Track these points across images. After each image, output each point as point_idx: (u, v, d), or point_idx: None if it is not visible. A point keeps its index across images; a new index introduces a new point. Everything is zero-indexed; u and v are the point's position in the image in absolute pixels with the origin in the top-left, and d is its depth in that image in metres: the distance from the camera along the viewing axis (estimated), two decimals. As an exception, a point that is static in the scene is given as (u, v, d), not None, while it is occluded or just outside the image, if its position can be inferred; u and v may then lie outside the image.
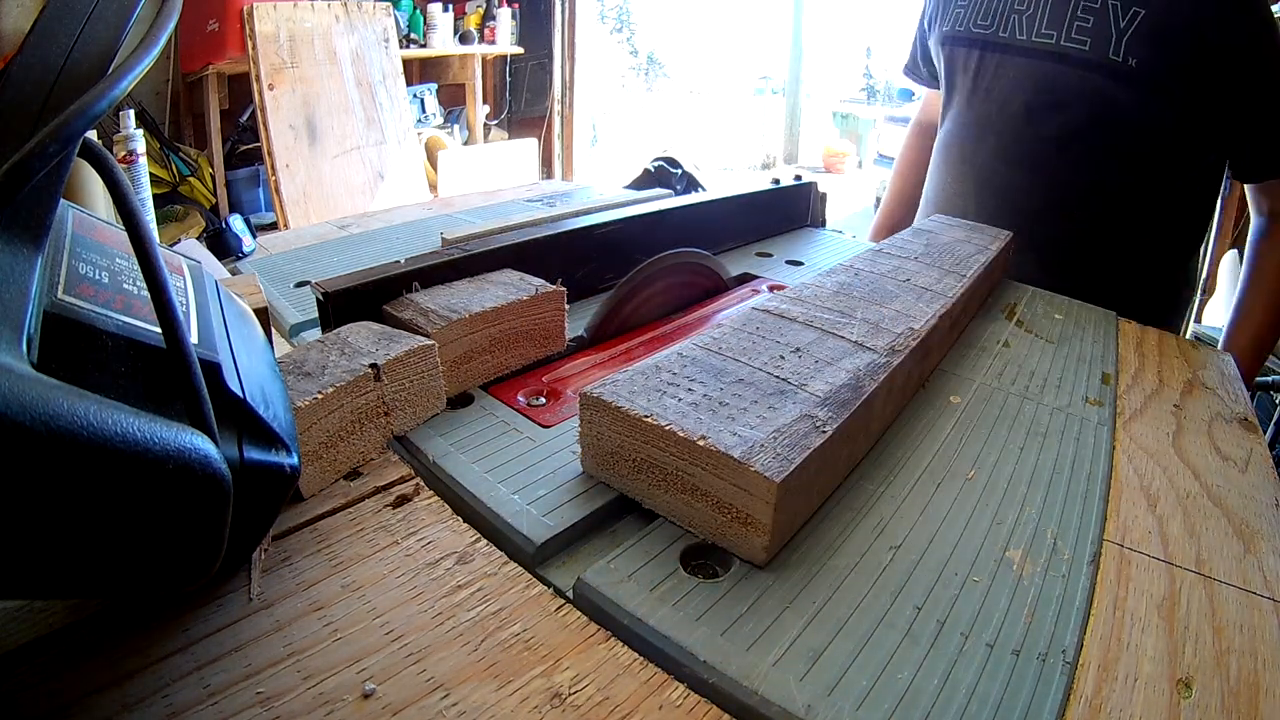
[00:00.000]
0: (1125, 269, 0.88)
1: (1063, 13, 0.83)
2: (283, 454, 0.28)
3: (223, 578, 0.31)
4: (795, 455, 0.32)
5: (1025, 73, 0.86)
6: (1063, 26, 0.83)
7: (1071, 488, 0.41)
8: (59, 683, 0.26)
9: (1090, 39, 0.81)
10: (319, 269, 0.71)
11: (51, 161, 0.21)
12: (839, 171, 6.64)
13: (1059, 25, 0.83)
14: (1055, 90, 0.85)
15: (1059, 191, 0.88)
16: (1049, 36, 0.84)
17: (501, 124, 3.95)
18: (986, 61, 0.90)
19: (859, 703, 0.27)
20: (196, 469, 0.22)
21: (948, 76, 0.97)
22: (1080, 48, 0.82)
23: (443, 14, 3.28)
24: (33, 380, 0.19)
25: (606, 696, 0.27)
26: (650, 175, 1.65)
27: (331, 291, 0.46)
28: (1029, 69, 0.86)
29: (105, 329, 0.24)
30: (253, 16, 2.48)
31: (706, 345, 0.43)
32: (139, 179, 1.56)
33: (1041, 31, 0.85)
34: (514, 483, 0.38)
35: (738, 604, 0.31)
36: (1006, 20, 0.88)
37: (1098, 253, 0.88)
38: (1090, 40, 0.81)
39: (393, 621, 0.30)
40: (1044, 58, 0.85)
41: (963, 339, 0.61)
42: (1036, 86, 0.86)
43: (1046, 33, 0.85)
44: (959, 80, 0.94)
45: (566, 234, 0.61)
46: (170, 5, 0.26)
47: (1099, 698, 0.28)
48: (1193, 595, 0.34)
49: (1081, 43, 0.82)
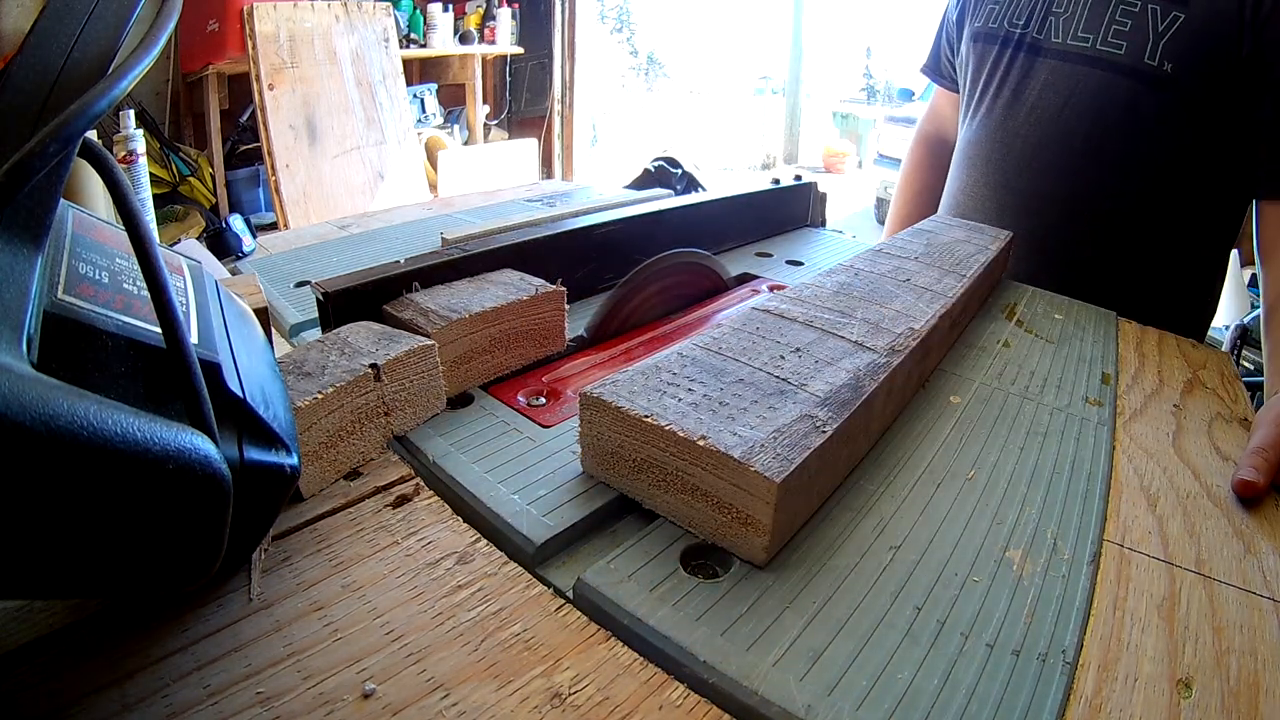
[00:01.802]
0: (1145, 284, 0.86)
1: (1100, 15, 0.80)
2: (283, 454, 0.28)
3: (223, 578, 0.31)
4: (795, 455, 0.32)
5: (1059, 76, 0.84)
6: (1100, 30, 0.81)
7: (1071, 488, 0.41)
8: (59, 683, 0.26)
9: (1126, 43, 0.79)
10: (319, 269, 0.71)
11: (51, 161, 0.21)
12: (839, 171, 6.64)
13: (1096, 29, 0.81)
14: (1087, 95, 0.82)
15: (1083, 199, 0.86)
16: (1085, 40, 0.82)
17: (501, 124, 3.95)
18: (1019, 62, 0.88)
19: (859, 703, 0.27)
20: (196, 469, 0.22)
21: (975, 75, 0.94)
22: (1116, 51, 0.80)
23: (443, 14, 3.28)
24: (33, 380, 0.19)
25: (606, 696, 0.27)
26: (650, 175, 1.65)
27: (331, 291, 0.46)
28: (1063, 72, 0.84)
29: (105, 329, 0.24)
30: (253, 16, 2.48)
31: (706, 345, 0.43)
32: (139, 179, 1.56)
33: (1078, 34, 0.83)
34: (514, 483, 0.38)
35: (738, 604, 0.31)
36: (1043, 21, 0.85)
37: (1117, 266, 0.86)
38: (1126, 44, 0.79)
39: (393, 621, 0.30)
40: (1079, 61, 0.82)
41: (963, 339, 0.61)
42: (1069, 90, 0.83)
43: (1083, 36, 0.82)
44: (988, 80, 0.91)
45: (566, 234, 0.61)
46: (170, 5, 0.26)
47: (1099, 698, 0.28)
48: (1193, 595, 0.34)
49: (1117, 46, 0.80)
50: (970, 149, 0.94)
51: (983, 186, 0.92)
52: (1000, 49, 0.89)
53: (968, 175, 0.94)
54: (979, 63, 0.93)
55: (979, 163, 0.93)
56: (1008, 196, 0.90)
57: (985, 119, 0.92)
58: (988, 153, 0.91)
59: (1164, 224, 0.85)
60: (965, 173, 0.95)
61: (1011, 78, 0.88)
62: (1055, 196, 0.86)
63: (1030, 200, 0.88)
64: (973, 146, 0.94)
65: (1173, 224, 0.85)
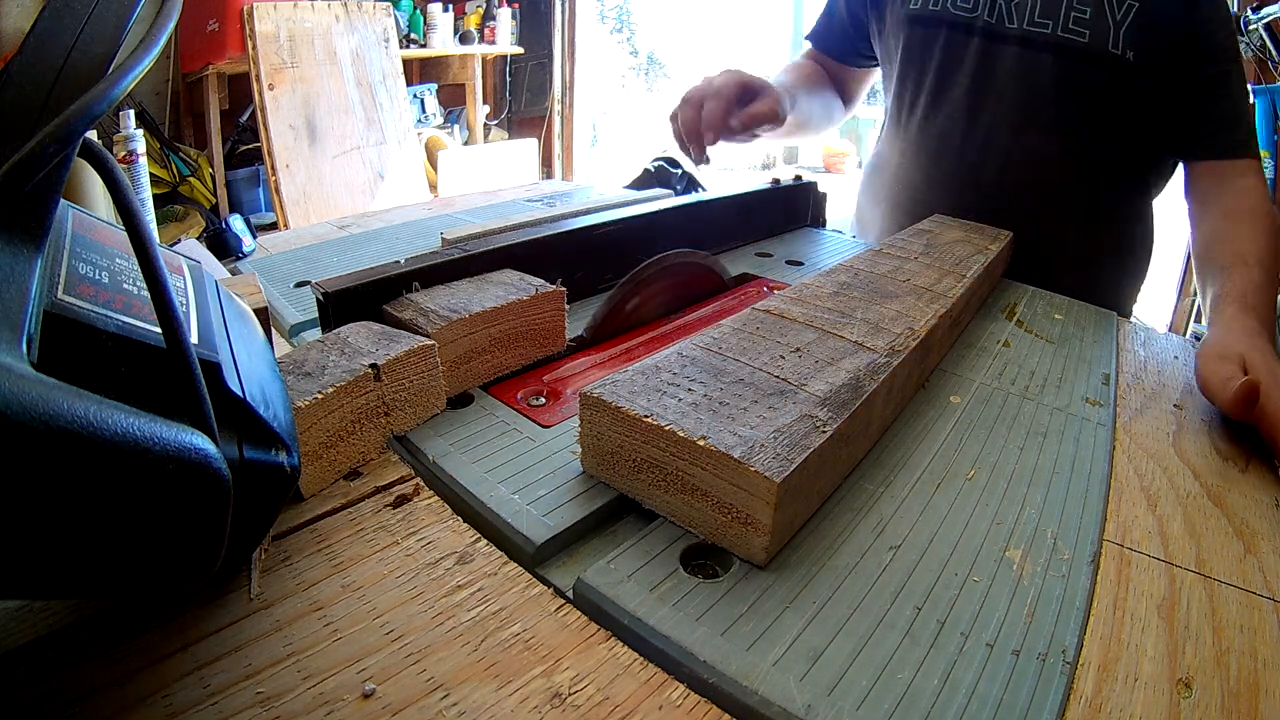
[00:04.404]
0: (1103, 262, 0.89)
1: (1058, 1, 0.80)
2: (283, 454, 0.28)
3: (223, 578, 0.31)
4: (795, 455, 0.32)
5: (1024, 64, 0.82)
6: (1058, 16, 0.80)
7: (1071, 488, 0.41)
8: (59, 683, 0.26)
9: (1089, 30, 0.79)
10: (319, 269, 0.71)
11: (51, 161, 0.21)
12: (839, 171, 6.64)
13: (1054, 14, 0.80)
14: (1048, 82, 0.82)
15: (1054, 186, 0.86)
16: (1044, 25, 0.81)
17: (501, 124, 3.95)
18: (974, 48, 0.85)
19: (859, 703, 0.27)
20: (196, 469, 0.22)
21: (916, 61, 0.91)
22: (1079, 39, 0.79)
23: (443, 14, 3.28)
24: (33, 380, 0.19)
25: (606, 696, 0.27)
26: (650, 175, 1.65)
27: (331, 291, 0.46)
28: (1023, 59, 0.82)
29: (105, 329, 0.24)
30: (253, 16, 2.48)
31: (706, 345, 0.43)
32: (139, 179, 1.56)
33: (1035, 20, 0.81)
34: (514, 483, 0.38)
35: (738, 604, 0.31)
36: (993, 5, 0.83)
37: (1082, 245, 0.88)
38: (1089, 32, 0.79)
39: (393, 621, 0.30)
40: (1042, 48, 0.81)
41: (963, 339, 0.61)
42: (1031, 78, 0.82)
43: (1041, 21, 0.81)
44: (940, 67, 0.88)
45: (566, 234, 0.61)
46: (170, 5, 0.26)
47: (1099, 698, 0.28)
48: (1193, 595, 0.34)
49: (1080, 34, 0.79)
50: (931, 142, 0.91)
51: (950, 177, 0.90)
52: (950, 33, 0.86)
53: (935, 167, 0.91)
54: (921, 48, 0.90)
55: (949, 154, 0.90)
56: (979, 186, 0.88)
57: (947, 108, 0.89)
58: (958, 145, 0.88)
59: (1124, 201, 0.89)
60: (932, 164, 0.92)
61: (968, 64, 0.86)
62: (1030, 185, 0.86)
63: (1003, 189, 0.87)
64: (934, 140, 0.91)
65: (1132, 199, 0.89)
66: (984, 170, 0.87)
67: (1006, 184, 0.86)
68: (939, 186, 0.91)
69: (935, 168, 0.91)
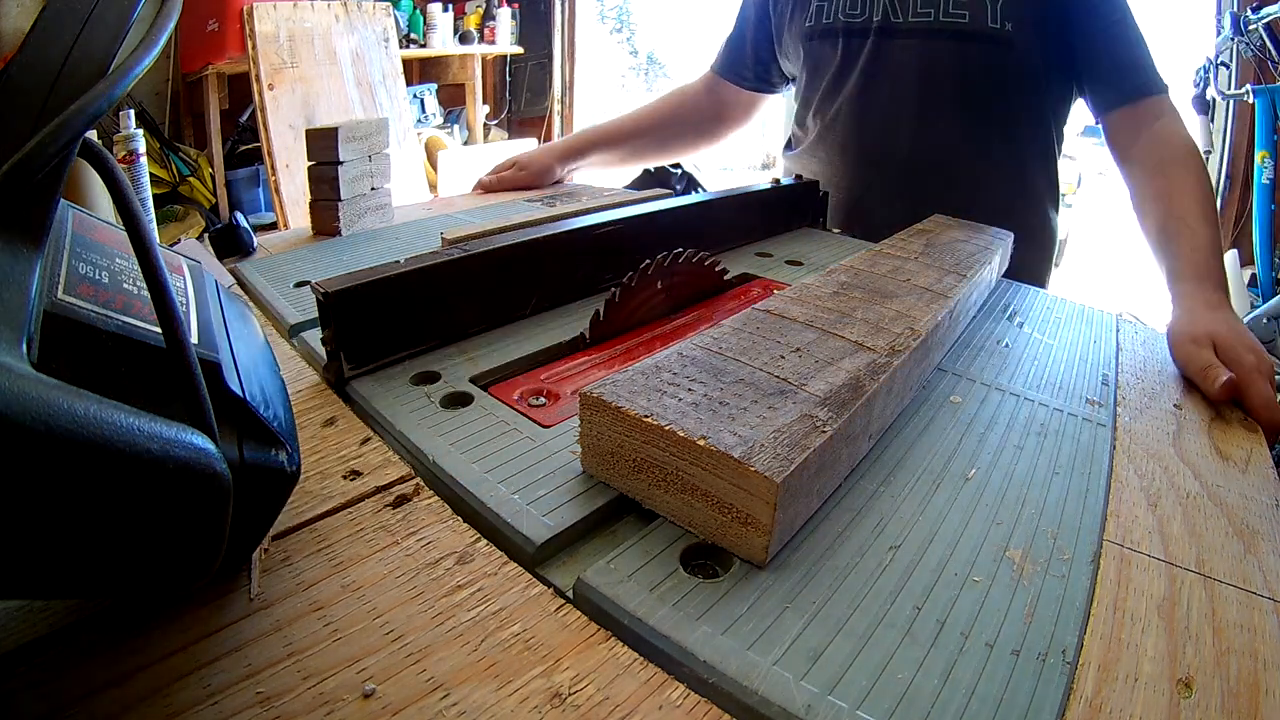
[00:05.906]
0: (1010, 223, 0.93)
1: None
2: (283, 454, 0.28)
3: (223, 578, 0.31)
4: (795, 455, 0.32)
5: (910, 53, 0.90)
6: (939, 3, 0.88)
7: (1071, 488, 0.41)
8: (59, 683, 0.26)
9: (968, 11, 0.86)
10: (319, 269, 0.71)
11: (51, 161, 0.21)
12: (839, 171, 6.62)
13: (935, 2, 0.88)
14: (941, 65, 0.89)
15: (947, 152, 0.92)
16: (927, 14, 0.88)
17: (501, 124, 3.95)
18: (867, 48, 0.93)
19: (859, 702, 0.27)
20: (196, 468, 0.22)
21: (817, 70, 0.99)
22: (960, 20, 0.87)
23: (443, 14, 3.28)
24: (33, 380, 0.19)
25: (606, 696, 0.27)
26: (650, 175, 1.65)
27: (331, 291, 0.46)
28: (913, 48, 0.90)
29: (105, 329, 0.24)
30: (253, 16, 2.48)
31: (706, 345, 0.43)
32: (139, 179, 1.55)
33: (918, 11, 0.89)
34: (514, 483, 0.38)
35: (738, 604, 0.31)
36: (878, 5, 0.91)
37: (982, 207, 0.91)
38: (968, 13, 0.86)
39: (393, 621, 0.30)
40: (926, 36, 0.89)
41: (962, 339, 0.61)
42: (921, 64, 0.89)
43: (923, 11, 0.89)
44: (837, 71, 0.96)
45: (566, 234, 0.61)
46: (170, 5, 0.26)
47: (1099, 698, 0.28)
48: (1193, 595, 0.34)
49: (960, 16, 0.87)
50: (828, 134, 1.00)
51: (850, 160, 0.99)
52: (846, 41, 0.95)
53: (840, 156, 1.00)
54: (821, 58, 0.98)
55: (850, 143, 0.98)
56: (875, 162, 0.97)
57: (841, 104, 0.97)
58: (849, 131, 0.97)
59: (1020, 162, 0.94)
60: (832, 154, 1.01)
61: (861, 63, 0.94)
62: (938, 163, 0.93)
63: (894, 163, 0.95)
64: (831, 132, 1.00)
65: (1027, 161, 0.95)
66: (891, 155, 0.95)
67: (915, 166, 0.93)
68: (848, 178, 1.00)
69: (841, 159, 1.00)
